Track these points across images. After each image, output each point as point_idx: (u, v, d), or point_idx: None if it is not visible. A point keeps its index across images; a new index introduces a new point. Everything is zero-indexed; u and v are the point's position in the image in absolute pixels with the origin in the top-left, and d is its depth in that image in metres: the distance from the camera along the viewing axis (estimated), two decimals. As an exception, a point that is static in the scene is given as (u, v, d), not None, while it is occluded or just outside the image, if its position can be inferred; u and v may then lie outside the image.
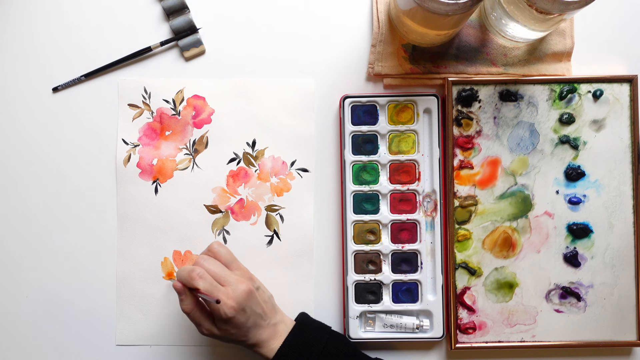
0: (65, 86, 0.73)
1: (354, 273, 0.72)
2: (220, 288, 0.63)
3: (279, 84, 0.73)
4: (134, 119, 0.73)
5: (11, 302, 0.73)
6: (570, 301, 0.72)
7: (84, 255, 0.73)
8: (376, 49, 0.72)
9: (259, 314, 0.64)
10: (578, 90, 0.71)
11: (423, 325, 0.71)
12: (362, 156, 0.72)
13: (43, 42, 0.73)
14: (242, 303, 0.63)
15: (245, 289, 0.63)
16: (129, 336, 0.73)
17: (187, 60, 0.74)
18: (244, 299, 0.63)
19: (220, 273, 0.64)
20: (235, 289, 0.63)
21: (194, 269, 0.63)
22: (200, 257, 0.66)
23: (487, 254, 0.72)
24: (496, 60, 0.72)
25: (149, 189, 0.73)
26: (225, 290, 0.63)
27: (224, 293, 0.63)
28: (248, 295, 0.63)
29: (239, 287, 0.63)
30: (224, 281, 0.64)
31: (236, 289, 0.63)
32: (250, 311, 0.64)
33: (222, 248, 0.67)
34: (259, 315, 0.64)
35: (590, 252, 0.72)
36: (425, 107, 0.72)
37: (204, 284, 0.62)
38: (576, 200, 0.72)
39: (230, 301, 0.62)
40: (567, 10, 0.60)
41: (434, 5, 0.60)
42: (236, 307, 0.62)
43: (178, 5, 0.73)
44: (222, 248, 0.67)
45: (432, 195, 0.72)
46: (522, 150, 0.72)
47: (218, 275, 0.64)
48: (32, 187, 0.73)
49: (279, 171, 0.73)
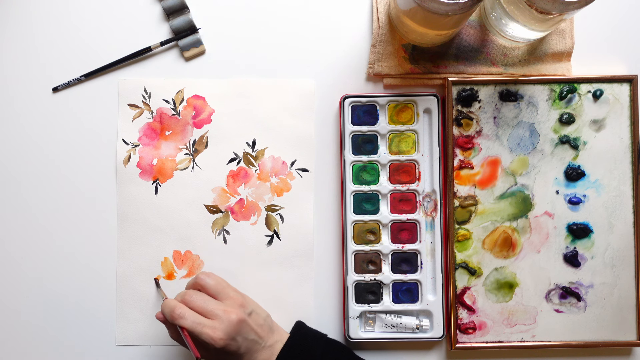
0: (65, 86, 0.73)
1: (354, 273, 0.72)
2: (206, 322, 0.62)
3: (279, 84, 0.73)
4: (134, 119, 0.73)
5: (11, 302, 0.73)
6: (570, 301, 0.72)
7: (84, 255, 0.73)
8: (376, 49, 0.72)
9: (252, 340, 0.64)
10: (578, 90, 0.71)
11: (423, 325, 0.71)
12: (362, 156, 0.72)
13: (43, 42, 0.73)
14: (232, 333, 0.62)
15: (235, 319, 0.63)
16: (129, 336, 0.73)
17: (187, 60, 0.74)
18: (233, 329, 0.62)
19: (205, 307, 0.63)
20: (222, 320, 0.62)
21: (175, 308, 0.63)
22: (186, 292, 0.65)
23: (487, 254, 0.72)
24: (496, 60, 0.72)
25: (149, 189, 0.73)
26: (212, 324, 0.62)
27: (209, 327, 0.62)
28: (238, 325, 0.63)
29: (227, 318, 0.62)
30: (211, 314, 0.63)
31: (224, 320, 0.62)
32: (242, 339, 0.63)
33: (210, 278, 0.66)
34: (253, 340, 0.64)
35: (590, 252, 0.72)
36: (425, 107, 0.72)
37: (186, 322, 0.62)
38: (576, 200, 0.72)
39: (217, 333, 0.62)
40: (567, 10, 0.60)
41: (434, 5, 0.60)
42: (225, 338, 0.62)
43: (178, 5, 0.73)
44: (209, 279, 0.66)
45: (432, 195, 0.72)
46: (522, 150, 0.72)
47: (203, 309, 0.63)
48: (32, 187, 0.73)
49: (279, 171, 0.73)
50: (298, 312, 0.72)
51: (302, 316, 0.72)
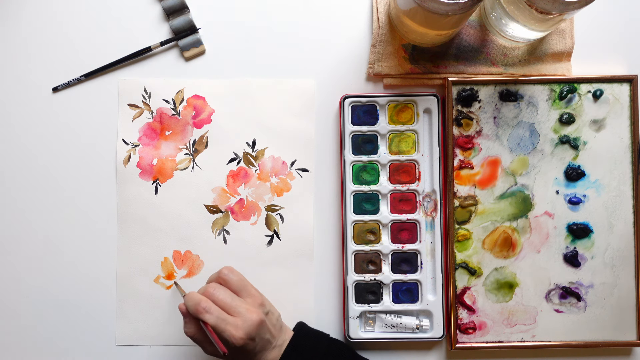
0: (65, 86, 0.73)
1: (354, 273, 0.72)
2: (229, 319, 0.62)
3: (279, 84, 0.73)
4: (134, 119, 0.73)
5: (11, 302, 0.73)
6: (570, 301, 0.72)
7: (84, 255, 0.73)
8: (376, 49, 0.72)
9: (267, 340, 0.64)
10: (578, 90, 0.71)
11: (423, 325, 0.71)
12: (362, 156, 0.72)
13: (43, 42, 0.73)
14: (252, 333, 0.62)
15: (257, 320, 0.63)
16: (129, 336, 0.73)
17: (187, 60, 0.74)
18: (254, 330, 0.62)
19: (230, 303, 0.63)
20: (245, 319, 0.62)
21: (201, 301, 0.62)
22: (210, 285, 0.65)
23: (487, 254, 0.72)
24: (496, 60, 0.72)
25: (149, 189, 0.73)
26: (235, 322, 0.62)
27: (232, 324, 0.62)
28: (259, 326, 0.63)
29: (249, 318, 0.63)
30: (233, 311, 0.63)
31: (246, 319, 0.62)
32: (259, 339, 0.63)
33: (233, 274, 0.66)
34: (267, 340, 0.64)
35: (590, 252, 0.72)
36: (425, 107, 0.72)
37: (210, 317, 0.62)
38: (576, 200, 0.72)
39: (239, 332, 0.62)
40: (567, 10, 0.60)
41: (434, 5, 0.60)
42: (245, 338, 0.62)
43: (178, 5, 0.73)
44: (232, 274, 0.66)
45: (432, 195, 0.72)
46: (522, 150, 0.72)
47: (227, 305, 0.63)
48: (32, 187, 0.73)
49: (279, 171, 0.73)
50: (298, 312, 0.72)
51: (302, 316, 0.72)
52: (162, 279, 0.73)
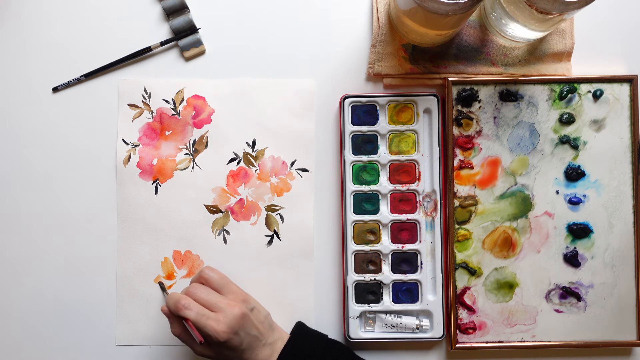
0: (65, 86, 0.73)
1: (354, 273, 0.72)
2: (210, 315, 0.63)
3: (279, 84, 0.73)
4: (134, 119, 0.73)
5: (11, 302, 0.73)
6: (570, 301, 0.72)
7: (84, 255, 0.73)
8: (376, 49, 0.72)
9: (254, 336, 0.64)
10: (578, 90, 0.71)
11: (423, 325, 0.71)
12: (362, 156, 0.72)
13: (43, 42, 0.73)
14: (235, 327, 0.63)
15: (238, 313, 0.63)
16: (129, 336, 0.73)
17: (187, 60, 0.74)
18: (237, 323, 0.63)
19: (210, 300, 0.64)
20: (226, 314, 0.63)
21: (180, 299, 0.63)
22: (191, 285, 0.66)
23: (487, 254, 0.72)
24: (496, 60, 0.72)
25: (149, 189, 0.73)
26: (216, 317, 0.63)
27: (213, 319, 0.63)
28: (241, 319, 0.63)
29: (231, 312, 0.63)
30: (214, 307, 0.64)
31: (227, 313, 0.63)
32: (244, 334, 0.64)
33: (213, 273, 0.67)
34: (254, 336, 0.64)
35: (590, 252, 0.72)
36: (425, 107, 0.72)
37: (190, 313, 0.63)
38: (576, 200, 0.72)
39: (221, 326, 0.62)
40: (567, 10, 0.60)
41: (434, 5, 0.60)
42: (228, 332, 0.62)
43: (178, 5, 0.73)
44: (212, 273, 0.67)
45: (432, 195, 0.72)
46: (522, 150, 0.72)
47: (208, 302, 0.64)
48: (32, 187, 0.73)
49: (279, 171, 0.73)
50: (298, 312, 0.72)
51: (302, 316, 0.72)
52: (162, 279, 0.73)
